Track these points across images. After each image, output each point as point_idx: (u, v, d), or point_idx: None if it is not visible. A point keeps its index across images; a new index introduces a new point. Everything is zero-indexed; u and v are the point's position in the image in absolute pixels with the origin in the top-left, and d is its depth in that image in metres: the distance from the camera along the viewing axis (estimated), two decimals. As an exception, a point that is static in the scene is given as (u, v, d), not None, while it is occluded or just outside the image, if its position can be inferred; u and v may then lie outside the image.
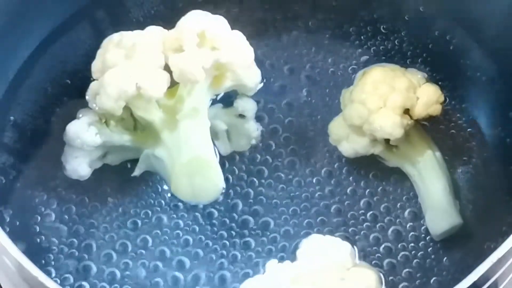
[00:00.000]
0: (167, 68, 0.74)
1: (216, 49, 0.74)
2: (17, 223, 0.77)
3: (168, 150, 0.74)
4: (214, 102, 0.79)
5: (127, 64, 0.73)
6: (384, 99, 0.75)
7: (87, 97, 0.77)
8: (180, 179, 0.74)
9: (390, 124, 0.74)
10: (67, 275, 0.74)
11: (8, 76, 0.80)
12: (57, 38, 0.81)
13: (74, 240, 0.76)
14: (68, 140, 0.76)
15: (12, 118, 0.80)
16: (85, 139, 0.75)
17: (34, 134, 0.81)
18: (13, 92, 0.80)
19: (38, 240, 0.76)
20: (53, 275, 0.74)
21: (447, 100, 0.81)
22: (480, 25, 0.81)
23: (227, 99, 0.80)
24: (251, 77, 0.78)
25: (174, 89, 0.75)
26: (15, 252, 0.63)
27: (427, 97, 0.77)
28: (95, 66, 0.77)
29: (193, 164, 0.73)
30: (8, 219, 0.77)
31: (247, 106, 0.80)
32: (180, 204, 0.78)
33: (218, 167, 0.75)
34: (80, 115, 0.77)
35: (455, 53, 0.84)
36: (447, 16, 0.84)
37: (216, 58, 0.74)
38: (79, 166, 0.77)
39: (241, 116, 0.80)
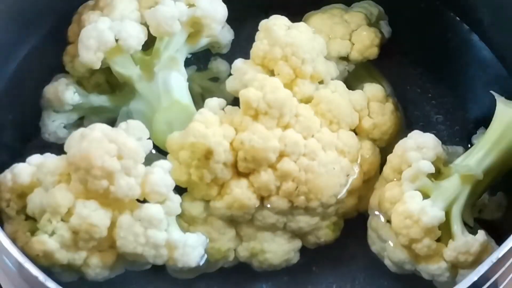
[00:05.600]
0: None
1: (191, 5, 0.76)
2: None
3: (147, 102, 0.76)
4: (189, 64, 0.80)
5: (105, 20, 0.75)
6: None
7: (64, 61, 0.79)
8: (161, 125, 0.75)
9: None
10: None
11: (6, 75, 0.79)
12: (55, 37, 0.81)
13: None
14: (46, 102, 0.78)
15: (10, 117, 0.80)
16: (63, 98, 0.77)
17: (33, 132, 0.81)
18: (12, 91, 0.80)
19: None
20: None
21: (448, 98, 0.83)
22: (482, 20, 0.81)
23: (202, 63, 0.83)
24: (224, 33, 0.81)
25: (150, 48, 0.77)
26: (15, 252, 0.63)
27: (361, 43, 0.79)
28: (71, 30, 0.80)
29: (173, 108, 0.75)
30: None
31: (221, 67, 0.83)
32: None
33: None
34: (58, 79, 0.79)
35: (457, 50, 0.84)
36: (448, 12, 0.84)
37: (191, 13, 0.76)
38: (57, 129, 0.79)
39: (215, 79, 0.83)
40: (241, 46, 0.81)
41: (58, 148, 0.73)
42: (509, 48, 0.79)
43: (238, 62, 0.75)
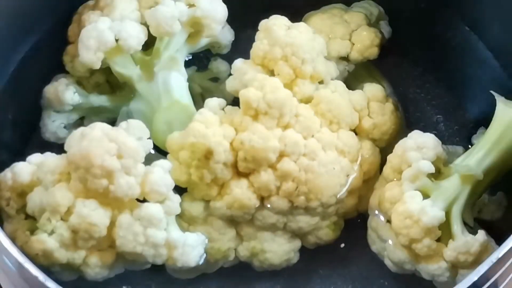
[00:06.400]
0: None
1: (191, 5, 0.76)
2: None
3: (147, 102, 0.77)
4: (189, 64, 0.81)
5: (105, 20, 0.75)
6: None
7: (64, 61, 0.79)
8: (161, 125, 0.75)
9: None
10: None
11: (6, 75, 0.79)
12: (55, 37, 0.81)
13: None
14: (46, 102, 0.79)
15: (10, 116, 0.80)
16: (63, 98, 0.77)
17: (33, 132, 0.81)
18: (12, 91, 0.80)
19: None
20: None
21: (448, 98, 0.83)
22: (482, 20, 0.81)
23: (202, 63, 0.83)
24: (224, 33, 0.81)
25: (150, 48, 0.77)
26: (15, 252, 0.63)
27: (361, 43, 0.80)
28: (71, 30, 0.80)
29: (173, 108, 0.76)
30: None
31: (221, 67, 0.83)
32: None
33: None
34: (58, 79, 0.79)
35: (457, 50, 0.84)
36: (448, 12, 0.84)
37: (191, 13, 0.76)
38: (57, 129, 0.79)
39: (215, 79, 0.83)
40: (241, 46, 0.81)
41: (58, 148, 0.73)
42: (509, 48, 0.79)
43: (238, 62, 0.75)
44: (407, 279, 0.73)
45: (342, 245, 0.76)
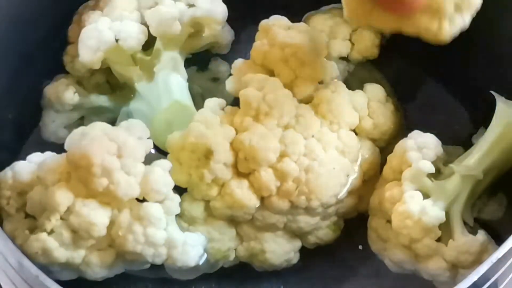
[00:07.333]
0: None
1: (191, 5, 0.77)
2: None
3: (147, 102, 0.77)
4: (189, 64, 0.81)
5: (105, 20, 0.76)
6: None
7: (64, 61, 0.80)
8: (161, 125, 0.75)
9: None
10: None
11: (6, 74, 0.79)
12: (55, 38, 0.81)
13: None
14: (46, 102, 0.79)
15: (10, 116, 0.80)
16: (63, 98, 0.78)
17: (33, 132, 0.81)
18: (12, 90, 0.80)
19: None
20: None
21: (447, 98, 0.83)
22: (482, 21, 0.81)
23: (202, 63, 0.83)
24: (224, 34, 0.81)
25: (150, 48, 0.77)
26: (15, 252, 0.63)
27: (362, 43, 0.80)
28: (71, 30, 0.81)
29: (173, 108, 0.76)
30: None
31: (221, 67, 0.83)
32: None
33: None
34: (58, 79, 0.79)
35: (457, 50, 0.84)
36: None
37: (191, 13, 0.76)
38: (57, 129, 0.79)
39: (215, 79, 0.83)
40: (241, 46, 0.82)
41: (58, 148, 0.73)
42: (509, 48, 0.79)
43: (238, 62, 0.75)
44: (407, 279, 0.73)
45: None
